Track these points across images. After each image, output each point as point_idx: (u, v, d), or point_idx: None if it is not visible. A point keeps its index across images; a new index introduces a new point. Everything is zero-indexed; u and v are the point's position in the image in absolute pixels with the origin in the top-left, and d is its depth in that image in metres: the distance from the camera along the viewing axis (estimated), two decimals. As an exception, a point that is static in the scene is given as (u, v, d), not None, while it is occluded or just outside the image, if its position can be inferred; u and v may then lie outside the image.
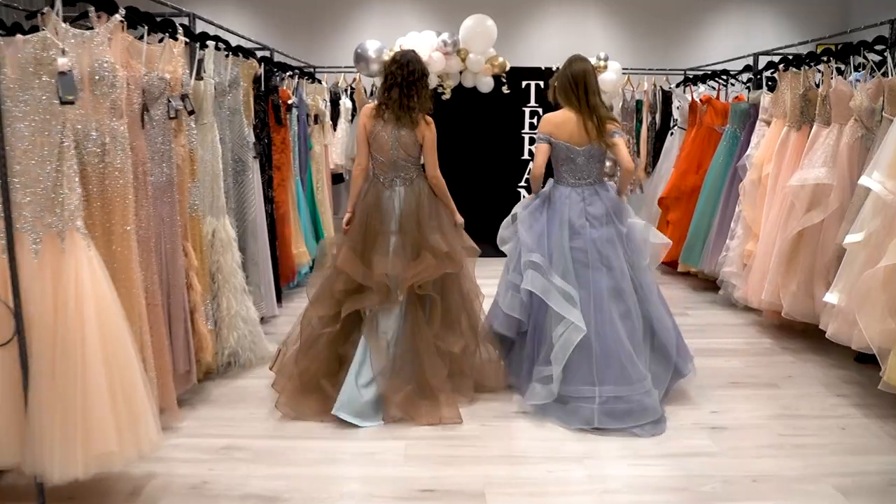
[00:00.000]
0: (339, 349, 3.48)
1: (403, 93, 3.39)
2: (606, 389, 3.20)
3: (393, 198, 3.46)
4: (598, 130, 3.42)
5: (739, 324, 4.98)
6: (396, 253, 3.39)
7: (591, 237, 3.40)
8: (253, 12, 8.55)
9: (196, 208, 3.65)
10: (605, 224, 3.43)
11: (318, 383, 3.41)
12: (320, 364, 3.44)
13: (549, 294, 3.31)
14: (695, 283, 6.06)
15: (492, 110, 7.12)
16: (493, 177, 7.06)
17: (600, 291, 3.35)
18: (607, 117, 3.48)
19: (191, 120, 3.51)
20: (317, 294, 3.52)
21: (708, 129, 6.16)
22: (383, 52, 6.80)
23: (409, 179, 3.49)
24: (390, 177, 3.49)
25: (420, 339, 3.39)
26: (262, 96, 4.76)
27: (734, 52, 7.07)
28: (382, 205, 3.45)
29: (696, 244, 5.81)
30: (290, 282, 5.59)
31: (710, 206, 5.77)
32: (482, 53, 6.88)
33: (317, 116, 6.55)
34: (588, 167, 3.51)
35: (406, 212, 3.43)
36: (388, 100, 3.42)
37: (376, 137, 3.45)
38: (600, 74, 6.83)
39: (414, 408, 3.31)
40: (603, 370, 3.24)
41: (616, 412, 3.17)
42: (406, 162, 3.47)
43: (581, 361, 3.25)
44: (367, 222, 3.45)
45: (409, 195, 3.46)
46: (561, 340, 3.24)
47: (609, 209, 3.49)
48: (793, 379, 3.90)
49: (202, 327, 3.62)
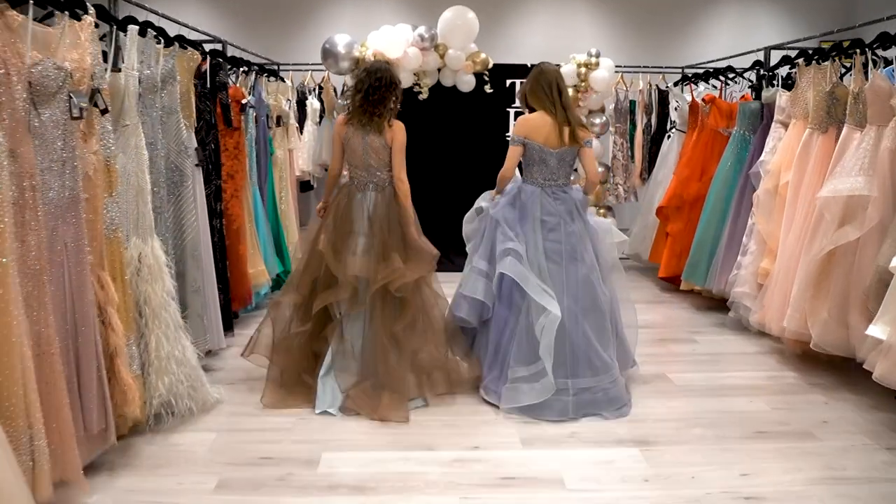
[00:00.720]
0: (313, 346, 3.63)
1: (368, 99, 3.48)
2: (579, 382, 3.34)
3: (364, 201, 3.57)
4: (572, 137, 3.51)
5: (755, 352, 4.39)
6: (365, 253, 3.49)
7: (564, 232, 3.51)
8: (213, 4, 7.85)
9: (116, 228, 2.99)
10: (575, 220, 3.55)
11: (300, 378, 3.59)
12: (298, 361, 3.61)
13: (527, 281, 3.39)
14: (699, 303, 5.47)
15: (473, 111, 6.50)
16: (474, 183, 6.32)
17: (571, 285, 3.45)
18: (581, 123, 3.60)
19: (105, 121, 2.85)
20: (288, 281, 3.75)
21: (712, 131, 5.59)
22: (354, 47, 6.16)
23: (382, 186, 3.59)
24: (364, 182, 3.60)
25: (379, 338, 3.48)
26: (207, 94, 4.11)
27: (733, 49, 6.53)
28: (353, 207, 3.56)
29: (701, 260, 5.23)
30: (245, 305, 4.93)
31: (716, 217, 5.20)
32: (462, 49, 6.27)
33: (279, 118, 5.90)
34: (559, 169, 3.58)
35: (376, 215, 3.54)
36: (355, 106, 3.52)
37: (349, 143, 3.56)
38: (591, 72, 6.25)
39: (367, 403, 3.41)
40: (575, 363, 3.37)
41: (584, 402, 3.33)
42: (378, 167, 3.56)
43: (557, 355, 3.33)
44: (337, 224, 3.56)
45: (380, 201, 3.57)
46: (543, 333, 3.32)
47: (576, 206, 3.59)
48: (829, 426, 3.31)
49: (125, 374, 2.96)
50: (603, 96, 6.38)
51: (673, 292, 5.85)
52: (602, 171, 6.53)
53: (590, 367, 3.37)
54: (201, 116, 4.01)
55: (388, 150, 3.53)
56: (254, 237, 5.02)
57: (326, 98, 6.51)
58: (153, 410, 3.21)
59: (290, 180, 6.19)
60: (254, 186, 5.19)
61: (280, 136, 5.94)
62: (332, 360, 3.50)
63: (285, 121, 6.03)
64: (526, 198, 3.59)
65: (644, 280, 6.42)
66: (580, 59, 6.29)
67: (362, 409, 3.41)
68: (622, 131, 6.66)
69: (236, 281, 4.69)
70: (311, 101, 6.70)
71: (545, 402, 3.30)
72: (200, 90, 4.03)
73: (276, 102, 5.86)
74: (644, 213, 6.58)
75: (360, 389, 3.44)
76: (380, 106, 3.48)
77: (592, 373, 3.36)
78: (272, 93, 5.88)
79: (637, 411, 3.46)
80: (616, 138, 6.64)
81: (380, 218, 3.53)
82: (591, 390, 3.34)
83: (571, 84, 6.31)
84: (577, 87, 6.30)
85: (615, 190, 6.57)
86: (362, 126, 3.50)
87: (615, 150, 6.62)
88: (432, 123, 5.69)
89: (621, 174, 6.59)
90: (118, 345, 2.91)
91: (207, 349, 3.91)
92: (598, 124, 6.37)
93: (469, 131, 6.57)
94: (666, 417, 3.40)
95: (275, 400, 3.51)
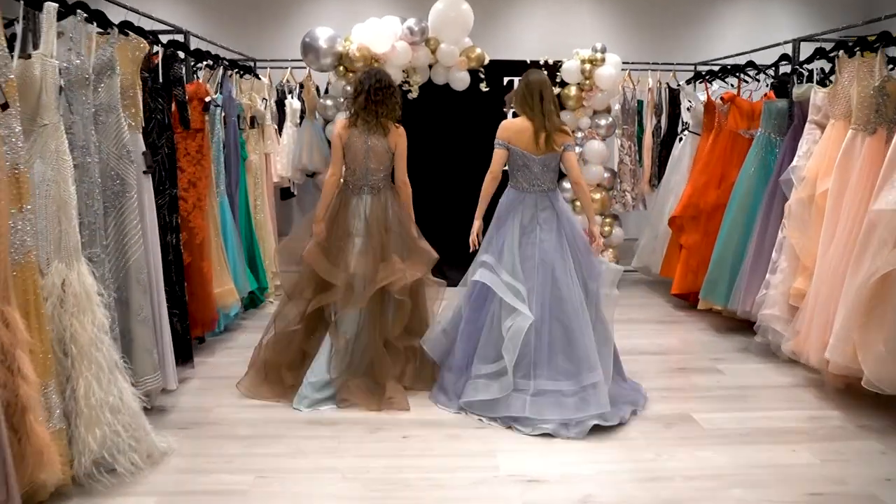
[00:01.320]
0: (303, 345, 3.68)
1: (371, 99, 3.53)
2: (540, 383, 3.34)
3: (360, 204, 3.62)
4: (548, 142, 3.50)
5: (789, 385, 3.85)
6: (362, 254, 3.54)
7: (538, 239, 3.52)
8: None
9: (29, 251, 2.45)
10: (555, 230, 3.54)
11: (280, 373, 3.63)
12: (285, 357, 3.66)
13: (499, 287, 3.43)
14: (718, 323, 4.94)
15: (467, 111, 5.95)
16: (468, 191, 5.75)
17: (539, 289, 3.44)
18: (559, 130, 3.55)
19: (11, 119, 2.30)
20: (291, 291, 3.72)
21: (731, 133, 5.06)
22: (337, 41, 5.62)
23: (377, 189, 3.66)
24: (359, 185, 3.65)
25: (375, 335, 3.58)
26: (160, 90, 3.56)
27: (748, 43, 6.00)
28: (349, 210, 3.62)
29: (722, 276, 4.70)
30: (211, 329, 4.38)
31: (739, 229, 4.67)
32: (456, 43, 5.73)
33: (253, 119, 5.35)
34: (543, 175, 3.59)
35: (373, 217, 3.60)
36: (358, 109, 3.57)
37: (350, 147, 3.59)
38: (597, 69, 5.72)
39: (367, 396, 3.49)
40: (537, 364, 3.36)
41: (543, 404, 3.28)
42: (376, 171, 3.63)
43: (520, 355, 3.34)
44: (333, 227, 3.62)
45: (375, 204, 3.63)
46: (510, 332, 3.34)
47: (559, 216, 3.57)
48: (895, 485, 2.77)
49: (40, 431, 2.43)
50: (609, 95, 5.85)
51: (688, 311, 5.32)
52: (608, 176, 5.99)
53: (553, 370, 3.36)
54: (152, 116, 3.47)
55: (389, 155, 3.62)
56: (221, 252, 4.47)
57: (307, 97, 5.96)
58: (84, 470, 2.66)
59: (266, 187, 5.64)
60: (222, 195, 4.64)
61: (255, 138, 5.39)
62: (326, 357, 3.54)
63: (260, 122, 5.48)
64: (508, 202, 3.63)
65: (654, 296, 5.88)
66: (584, 55, 5.75)
67: (361, 402, 3.47)
68: (629, 133, 6.11)
69: (200, 303, 4.14)
70: (291, 100, 6.14)
71: (503, 399, 3.33)
72: (151, 85, 3.48)
73: (251, 102, 5.31)
74: (654, 222, 6.05)
75: (357, 384, 3.52)
76: (383, 106, 3.55)
77: (554, 376, 3.34)
78: (246, 91, 5.34)
79: (663, 465, 2.92)
80: (623, 141, 6.09)
81: (377, 220, 3.59)
82: (551, 393, 3.31)
83: (575, 82, 5.78)
84: (580, 85, 5.77)
85: (622, 197, 6.02)
86: (367, 127, 3.56)
87: (622, 153, 6.07)
88: (422, 125, 5.15)
89: (629, 180, 6.04)
90: (30, 396, 2.38)
91: (161, 387, 3.37)
92: (604, 126, 5.84)
93: (463, 133, 6.02)
94: (697, 474, 2.85)
95: (251, 389, 3.61)
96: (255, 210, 5.44)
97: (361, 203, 3.61)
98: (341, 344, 3.54)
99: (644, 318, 5.21)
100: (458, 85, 5.81)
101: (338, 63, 5.65)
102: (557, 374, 3.34)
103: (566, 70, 5.79)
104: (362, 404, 3.46)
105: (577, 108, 5.83)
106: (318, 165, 5.90)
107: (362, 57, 5.56)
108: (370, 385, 3.55)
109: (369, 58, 5.59)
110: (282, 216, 6.98)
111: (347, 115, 3.67)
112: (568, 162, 3.57)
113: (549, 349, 3.37)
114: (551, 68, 5.84)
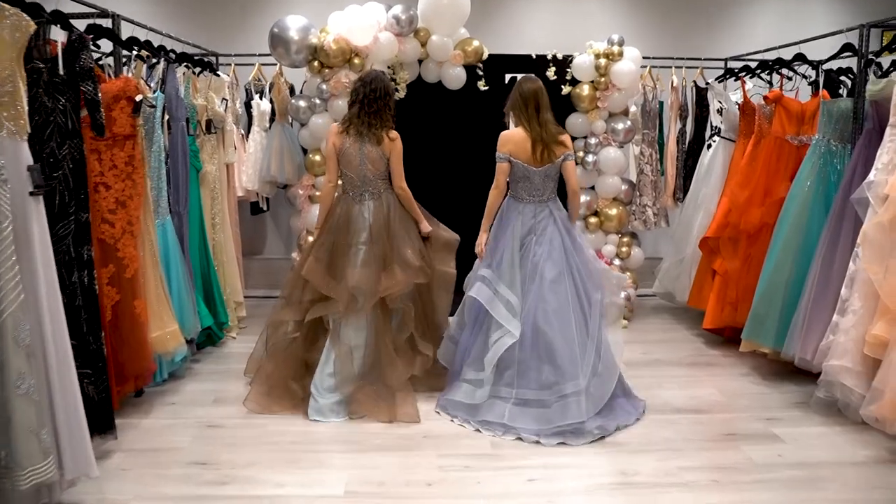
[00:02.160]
0: (304, 355, 3.63)
1: (364, 110, 3.54)
2: (522, 392, 3.35)
3: (363, 211, 3.59)
4: (545, 155, 3.48)
5: (872, 461, 3.04)
6: (366, 264, 3.51)
7: (533, 252, 3.51)
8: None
9: None
10: (549, 240, 3.52)
11: (287, 385, 3.56)
12: (287, 369, 3.59)
13: (493, 304, 3.45)
14: (764, 368, 4.12)
15: (463, 114, 5.14)
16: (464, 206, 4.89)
17: (532, 301, 3.44)
18: (557, 141, 3.50)
19: None
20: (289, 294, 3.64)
21: (776, 140, 4.26)
22: (311, 32, 4.81)
23: (378, 193, 3.63)
24: (359, 192, 3.62)
25: (383, 344, 3.54)
26: (61, 85, 2.73)
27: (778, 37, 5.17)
28: (352, 219, 3.58)
29: (771, 313, 3.89)
30: (146, 383, 3.57)
31: (792, 256, 3.86)
32: (449, 35, 4.92)
33: (210, 123, 4.53)
34: (543, 185, 3.56)
35: (376, 224, 3.57)
36: (352, 116, 3.58)
37: (344, 154, 3.58)
38: (613, 64, 4.91)
39: (374, 406, 3.46)
40: (522, 373, 3.38)
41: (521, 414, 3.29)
42: (374, 177, 3.61)
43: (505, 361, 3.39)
44: (337, 238, 3.58)
45: (378, 208, 3.60)
46: (495, 346, 3.39)
47: (560, 228, 3.55)
48: None
49: None
50: (628, 95, 5.04)
51: (723, 349, 4.51)
52: (625, 189, 5.18)
53: (536, 380, 3.35)
54: (49, 117, 2.65)
55: (384, 161, 3.59)
56: (161, 286, 3.65)
57: (277, 98, 5.13)
58: None
59: (228, 203, 4.83)
60: (164, 216, 3.82)
61: (212, 146, 4.57)
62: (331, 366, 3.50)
63: (219, 126, 4.66)
64: (507, 212, 3.62)
65: (679, 327, 5.07)
66: (599, 48, 4.95)
67: (372, 413, 3.44)
68: (651, 140, 5.28)
69: (132, 352, 3.38)
70: (258, 102, 5.31)
71: (485, 404, 3.38)
72: (49, 78, 2.66)
73: (207, 103, 4.50)
74: (678, 241, 5.23)
75: (367, 394, 3.49)
76: (376, 118, 3.54)
77: (537, 385, 3.34)
78: (202, 90, 4.52)
79: None
80: (643, 148, 5.26)
81: (379, 226, 3.57)
82: (532, 402, 3.32)
83: (588, 79, 4.98)
84: (594, 83, 4.96)
85: (642, 213, 5.19)
86: (360, 137, 3.55)
87: (642, 163, 5.24)
88: (411, 130, 4.30)
89: (650, 193, 5.21)
90: None
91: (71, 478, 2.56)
92: (622, 130, 5.02)
93: (457, 140, 5.21)
94: None
95: (260, 406, 3.50)
96: (214, 229, 4.62)
97: (365, 209, 3.59)
98: (343, 352, 3.50)
99: (672, 359, 4.40)
100: (452, 83, 5.00)
101: (312, 57, 4.84)
102: (540, 383, 3.33)
103: (578, 66, 4.98)
104: (372, 415, 3.43)
105: (590, 110, 5.02)
106: (290, 177, 5.09)
107: (340, 50, 4.75)
108: (381, 391, 3.50)
109: (348, 51, 4.78)
110: (254, 234, 6.17)
111: (340, 123, 3.66)
112: (567, 171, 3.54)
113: (535, 359, 3.36)
114: (561, 64, 5.04)
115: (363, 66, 4.79)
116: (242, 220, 5.49)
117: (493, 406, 3.37)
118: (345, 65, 4.84)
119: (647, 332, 5.00)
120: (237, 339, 4.74)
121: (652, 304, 5.67)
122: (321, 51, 4.77)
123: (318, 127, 4.89)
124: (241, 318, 4.95)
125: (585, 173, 5.07)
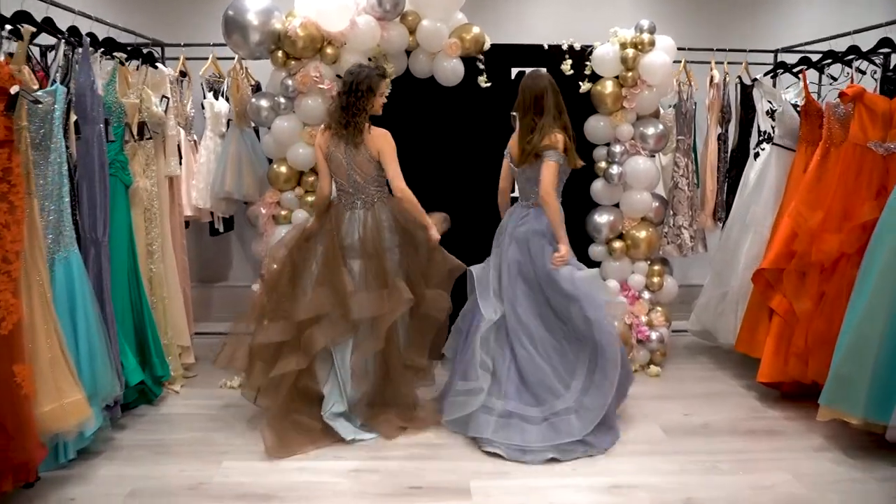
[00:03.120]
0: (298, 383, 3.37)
1: (342, 106, 3.27)
2: (508, 403, 3.27)
3: (353, 220, 3.35)
4: (523, 156, 3.33)
5: None
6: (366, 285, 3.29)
7: (507, 255, 3.43)
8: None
9: None
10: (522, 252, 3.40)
11: (293, 420, 3.33)
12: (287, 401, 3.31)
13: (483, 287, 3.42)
14: (845, 441, 3.22)
15: (461, 114, 4.25)
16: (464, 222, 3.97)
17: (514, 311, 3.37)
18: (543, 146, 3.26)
19: None
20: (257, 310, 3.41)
21: (856, 147, 3.38)
22: (273, 15, 3.92)
23: (370, 203, 3.37)
24: (351, 199, 3.38)
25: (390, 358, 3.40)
26: None
27: (840, 23, 4.27)
28: (343, 228, 3.34)
29: (861, 372, 2.99)
30: (29, 480, 2.67)
31: (888, 298, 2.97)
32: (444, 20, 4.04)
33: (144, 126, 3.64)
34: (526, 188, 3.44)
35: (367, 237, 3.32)
36: (331, 114, 3.36)
37: (332, 159, 3.34)
38: (643, 56, 4.03)
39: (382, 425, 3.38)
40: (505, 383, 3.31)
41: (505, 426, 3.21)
42: (365, 183, 3.34)
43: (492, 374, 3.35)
44: (329, 246, 3.33)
45: (370, 220, 3.34)
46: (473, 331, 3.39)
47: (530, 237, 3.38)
48: None
49: None
50: (660, 93, 4.15)
51: (783, 406, 3.64)
52: (657, 206, 4.29)
53: (519, 394, 3.29)
54: None
55: (373, 164, 3.30)
56: (58, 342, 2.74)
57: (235, 96, 4.23)
58: None
59: (171, 225, 3.92)
60: (67, 247, 2.91)
61: (146, 155, 3.67)
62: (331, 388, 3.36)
63: (159, 131, 3.76)
64: (505, 216, 3.59)
65: (724, 376, 4.17)
66: (625, 37, 4.06)
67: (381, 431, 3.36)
68: (686, 147, 4.38)
69: (8, 438, 2.46)
70: (211, 101, 4.40)
71: (473, 416, 3.28)
72: None
73: (141, 101, 3.60)
74: (720, 270, 4.32)
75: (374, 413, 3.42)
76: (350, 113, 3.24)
77: (521, 400, 3.28)
78: (135, 86, 3.63)
79: None
80: (678, 158, 4.35)
81: (371, 240, 3.30)
82: (516, 416, 3.24)
83: (611, 74, 4.10)
84: (620, 78, 4.08)
85: (677, 237, 4.28)
86: (340, 137, 3.29)
87: (676, 175, 4.33)
88: (397, 135, 3.39)
89: (685, 212, 4.30)
90: None
91: None
92: (652, 136, 4.14)
93: (453, 147, 4.31)
94: None
95: (279, 450, 3.16)
96: (152, 259, 3.73)
97: (355, 218, 3.34)
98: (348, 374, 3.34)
99: (724, 425, 3.49)
100: (447, 78, 4.10)
101: (275, 46, 3.95)
102: (522, 399, 3.28)
103: (599, 58, 4.10)
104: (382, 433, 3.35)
105: (614, 112, 4.13)
106: (250, 192, 4.19)
107: (309, 38, 3.86)
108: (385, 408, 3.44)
109: (319, 39, 3.90)
110: (216, 258, 5.25)
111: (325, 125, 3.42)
112: (541, 170, 3.28)
113: (516, 374, 3.32)
114: (578, 55, 4.17)
115: (337, 56, 3.92)
116: (197, 244, 4.59)
117: (480, 420, 3.28)
118: (315, 55, 3.94)
119: (684, 381, 4.10)
120: (181, 394, 3.84)
121: (685, 341, 4.78)
122: (286, 38, 3.88)
123: (282, 131, 3.99)
124: (188, 365, 4.05)
125: (609, 188, 4.19)
